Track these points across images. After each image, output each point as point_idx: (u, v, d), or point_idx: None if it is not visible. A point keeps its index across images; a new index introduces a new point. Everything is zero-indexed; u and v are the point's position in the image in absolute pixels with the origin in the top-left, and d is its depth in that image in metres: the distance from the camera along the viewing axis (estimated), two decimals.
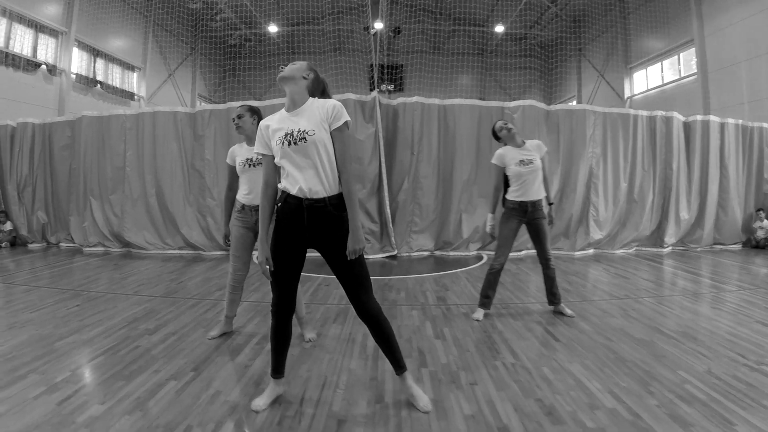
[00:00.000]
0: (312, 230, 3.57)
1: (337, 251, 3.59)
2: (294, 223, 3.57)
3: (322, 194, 3.51)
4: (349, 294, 3.71)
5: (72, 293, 7.54)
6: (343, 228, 3.56)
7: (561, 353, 4.87)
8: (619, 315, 6.30)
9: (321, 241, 3.61)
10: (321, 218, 3.54)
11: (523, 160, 6.15)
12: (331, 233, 3.58)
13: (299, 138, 3.48)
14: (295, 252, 3.66)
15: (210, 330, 5.57)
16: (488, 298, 6.26)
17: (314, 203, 3.51)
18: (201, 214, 11.69)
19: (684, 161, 12.51)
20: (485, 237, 11.48)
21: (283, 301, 3.71)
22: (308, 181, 3.50)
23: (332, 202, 3.54)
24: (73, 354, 4.84)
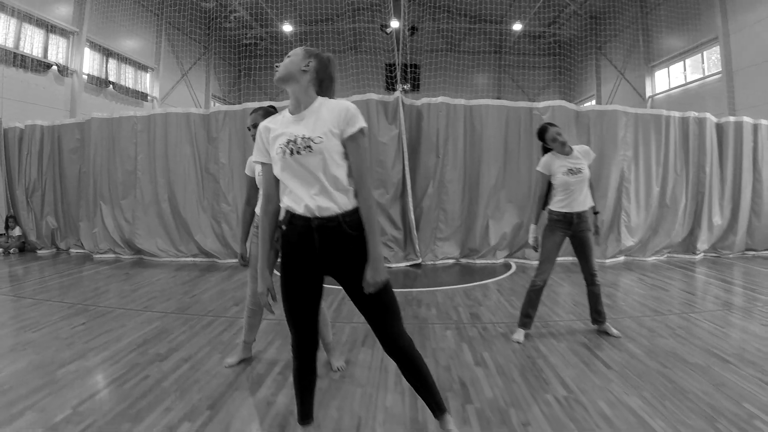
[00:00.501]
0: (325, 255, 2.95)
1: (357, 278, 2.95)
2: (303, 247, 2.96)
3: (333, 210, 2.89)
4: (375, 328, 3.09)
5: (78, 308, 7.13)
6: (362, 250, 2.95)
7: (615, 383, 4.41)
8: (667, 334, 5.84)
9: (337, 267, 2.99)
10: (335, 240, 2.92)
11: (571, 168, 5.66)
12: (348, 257, 2.96)
13: (303, 146, 2.87)
14: (309, 282, 3.04)
15: (227, 356, 5.08)
16: (529, 318, 5.77)
17: (325, 222, 2.90)
18: (215, 220, 11.29)
19: (717, 164, 12.03)
20: (513, 244, 11.04)
21: (304, 340, 3.14)
22: (315, 197, 2.89)
23: (347, 219, 2.91)
24: (75, 386, 4.39)
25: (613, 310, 6.90)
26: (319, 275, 3.05)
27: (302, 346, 3.13)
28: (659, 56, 25.76)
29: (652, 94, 26.46)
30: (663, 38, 25.26)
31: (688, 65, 24.17)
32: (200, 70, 31.87)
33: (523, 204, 11.10)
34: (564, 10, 30.25)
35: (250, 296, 4.91)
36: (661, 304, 7.39)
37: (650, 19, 26.15)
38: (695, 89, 23.04)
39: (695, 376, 4.55)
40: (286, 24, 31.72)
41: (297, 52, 3.10)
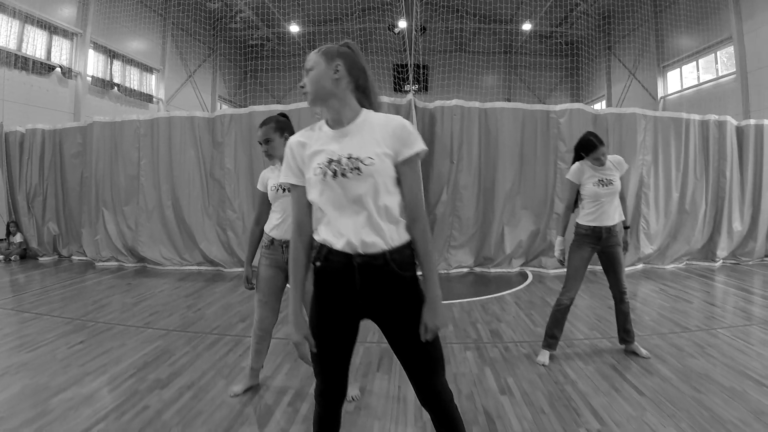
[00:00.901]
0: (367, 297, 2.47)
1: (403, 325, 2.50)
2: (341, 289, 2.48)
3: (380, 246, 2.41)
4: (417, 380, 2.58)
5: (77, 324, 6.83)
6: (411, 293, 2.49)
7: (650, 413, 4.10)
8: (697, 354, 5.52)
9: (380, 311, 2.51)
10: (380, 281, 2.44)
11: (602, 179, 5.33)
12: (395, 300, 2.48)
13: (350, 168, 2.38)
14: (344, 327, 2.57)
15: (232, 383, 4.73)
16: (555, 339, 5.42)
17: (370, 260, 2.41)
18: (221, 227, 10.97)
19: (737, 169, 11.71)
20: (529, 252, 10.73)
21: (332, 389, 2.63)
22: (359, 230, 2.40)
23: (395, 257, 2.43)
24: (69, 417, 4.06)
25: (639, 326, 6.54)
26: (356, 320, 2.59)
27: (329, 394, 2.65)
28: (671, 56, 25.37)
29: (664, 94, 26.09)
30: (675, 38, 24.86)
31: (701, 66, 23.82)
32: (206, 72, 31.66)
33: (539, 210, 10.79)
34: (574, 10, 29.95)
35: (257, 321, 4.49)
36: (686, 318, 7.08)
37: (662, 18, 25.77)
38: (708, 90, 22.66)
39: (732, 403, 4.28)
40: (292, 24, 31.54)
41: (316, 60, 2.59)
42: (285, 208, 4.27)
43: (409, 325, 2.48)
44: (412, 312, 2.48)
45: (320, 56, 2.59)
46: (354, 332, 2.62)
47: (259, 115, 10.77)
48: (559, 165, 10.54)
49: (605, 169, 5.37)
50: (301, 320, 2.54)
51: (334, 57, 2.56)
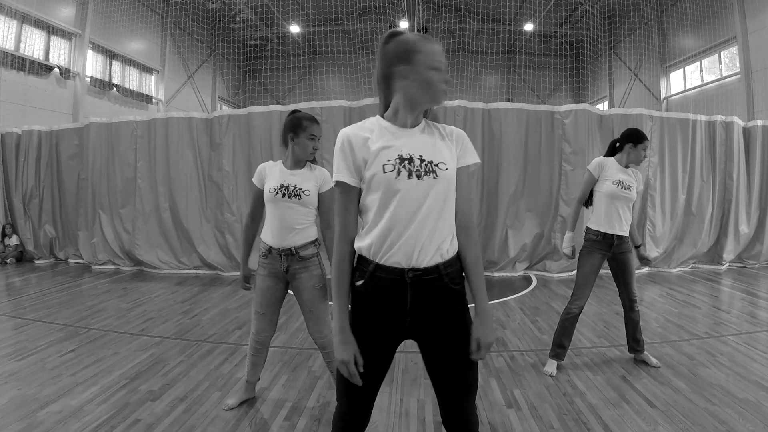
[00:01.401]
0: (416, 316, 2.23)
1: (448, 343, 2.27)
2: (389, 308, 2.23)
3: (436, 260, 2.19)
4: (449, 401, 2.34)
5: (70, 331, 6.67)
6: (461, 309, 2.28)
7: (663, 427, 3.94)
8: (708, 362, 5.38)
9: (427, 329, 2.26)
10: (432, 297, 2.21)
11: (622, 182, 5.14)
12: (444, 317, 2.25)
13: (426, 170, 2.17)
14: (385, 350, 2.32)
15: (227, 396, 4.54)
16: (563, 348, 5.23)
17: (423, 275, 2.18)
18: (219, 230, 10.85)
19: (744, 170, 11.59)
20: (533, 256, 10.59)
21: (356, 416, 2.38)
22: (421, 240, 2.16)
23: (449, 270, 2.22)
24: (57, 431, 3.90)
25: (647, 333, 6.38)
26: (399, 341, 2.35)
27: (353, 420, 2.39)
28: (674, 57, 25.30)
29: (667, 95, 26.02)
30: (679, 38, 24.79)
31: (705, 66, 23.73)
32: (206, 72, 31.66)
33: (543, 213, 10.65)
34: (576, 10, 29.92)
35: (254, 334, 4.30)
36: (696, 324, 6.94)
37: (666, 18, 25.70)
38: (712, 90, 22.57)
39: (746, 415, 4.15)
40: (293, 25, 31.53)
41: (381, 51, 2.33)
42: (281, 215, 4.02)
43: (455, 343, 2.27)
44: (460, 329, 2.27)
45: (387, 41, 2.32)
46: (393, 354, 2.37)
47: (257, 115, 10.70)
48: (564, 167, 10.41)
49: (629, 173, 5.20)
50: (350, 337, 2.22)
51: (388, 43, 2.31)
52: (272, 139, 10.51)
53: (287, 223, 3.99)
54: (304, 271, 4.02)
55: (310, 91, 33.39)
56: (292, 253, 3.99)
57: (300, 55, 33.87)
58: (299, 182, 4.01)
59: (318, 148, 4.10)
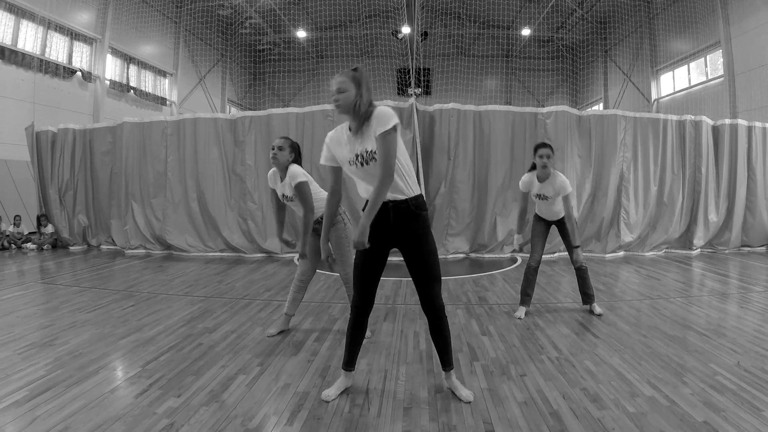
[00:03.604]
0: (396, 230, 3.82)
1: (417, 249, 3.85)
2: (380, 223, 3.78)
3: (404, 196, 3.79)
4: (421, 287, 3.89)
5: (123, 293, 7.90)
6: (424, 227, 3.86)
7: (601, 348, 5.15)
8: (652, 314, 6.55)
9: (404, 238, 3.84)
10: (404, 217, 3.79)
11: (539, 194, 6.53)
12: (413, 233, 3.82)
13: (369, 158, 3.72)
14: (380, 250, 3.89)
15: (269, 328, 5.86)
16: (528, 296, 6.59)
17: (398, 204, 3.77)
18: (242, 217, 12.00)
19: (713, 165, 12.62)
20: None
21: (365, 299, 3.96)
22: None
23: (413, 202, 3.79)
24: (138, 351, 5.12)
25: (606, 294, 7.68)
26: (388, 246, 3.93)
27: (363, 302, 3.98)
28: (664, 60, 26.33)
29: (658, 97, 27.05)
30: (668, 42, 25.80)
31: (692, 69, 24.67)
32: (216, 76, 32.46)
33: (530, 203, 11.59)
34: (571, 15, 30.77)
35: (299, 274, 5.75)
36: (652, 291, 8.06)
37: (656, 23, 26.73)
38: (698, 92, 23.62)
39: (671, 345, 5.26)
40: (300, 30, 32.33)
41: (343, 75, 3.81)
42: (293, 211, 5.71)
43: (419, 248, 3.85)
44: (422, 238, 3.84)
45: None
46: (386, 255, 3.95)
47: (276, 117, 11.92)
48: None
49: (544, 185, 6.49)
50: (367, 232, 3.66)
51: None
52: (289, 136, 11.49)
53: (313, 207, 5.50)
54: (333, 229, 5.39)
55: (316, 94, 34.24)
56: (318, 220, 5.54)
57: (306, 59, 34.66)
58: (285, 191, 5.55)
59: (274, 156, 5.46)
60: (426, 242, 3.86)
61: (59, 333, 5.74)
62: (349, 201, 10.95)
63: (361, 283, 3.94)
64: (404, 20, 27.93)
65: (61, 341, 5.43)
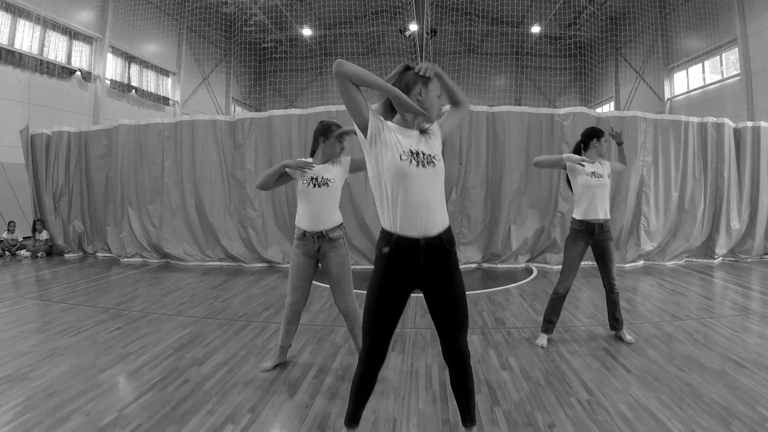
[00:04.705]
0: (426, 271, 3.16)
1: (448, 291, 3.22)
2: (407, 265, 3.14)
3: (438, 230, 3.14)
4: (447, 336, 3.26)
5: (112, 313, 7.39)
6: (455, 265, 3.26)
7: (635, 387, 4.61)
8: (685, 340, 6.01)
9: (431, 279, 3.20)
10: (437, 257, 3.15)
11: (594, 171, 5.88)
12: (444, 273, 3.20)
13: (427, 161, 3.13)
14: (401, 297, 3.23)
15: (263, 360, 5.29)
16: (551, 324, 5.98)
17: (431, 242, 3.11)
18: (242, 225, 11.48)
19: (735, 169, 12.09)
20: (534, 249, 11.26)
21: (377, 352, 3.24)
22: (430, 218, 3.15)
23: (446, 237, 3.17)
24: (118, 389, 4.64)
25: (633, 315, 7.08)
26: (411, 290, 3.26)
27: (375, 355, 3.25)
28: (678, 58, 25.77)
29: (671, 96, 26.47)
30: (682, 40, 25.28)
31: (707, 67, 24.16)
32: (220, 74, 32.19)
33: (544, 209, 11.22)
34: (583, 12, 30.27)
35: (289, 305, 5.03)
36: (679, 309, 7.53)
37: (669, 20, 26.16)
38: (714, 91, 23.05)
39: (711, 381, 4.72)
40: (305, 28, 31.95)
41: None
42: (314, 202, 4.80)
43: (451, 290, 3.22)
44: (454, 280, 3.22)
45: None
46: (406, 300, 3.25)
47: (277, 118, 11.34)
48: None
49: (597, 165, 5.96)
50: None
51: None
52: (291, 140, 11.17)
53: (318, 210, 4.79)
54: (332, 250, 4.81)
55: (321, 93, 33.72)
56: (323, 235, 4.79)
57: (311, 57, 34.21)
58: (325, 173, 4.82)
59: (344, 148, 4.96)
60: (456, 281, 3.24)
61: (37, 363, 5.26)
62: (356, 210, 10.45)
63: (373, 331, 3.21)
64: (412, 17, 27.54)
65: (38, 374, 4.96)
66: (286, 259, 11.03)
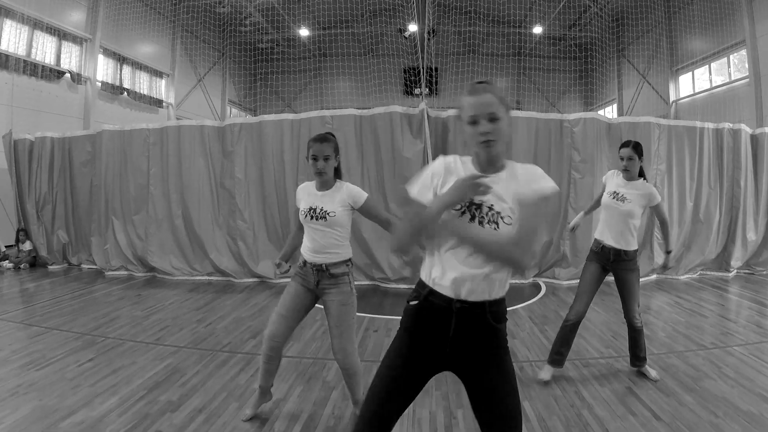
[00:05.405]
0: (457, 345, 2.38)
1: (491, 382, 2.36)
2: (434, 331, 2.39)
3: (483, 298, 2.33)
4: None
5: (86, 340, 6.74)
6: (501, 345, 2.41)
7: None
8: (714, 374, 5.43)
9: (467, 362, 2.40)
10: (474, 330, 2.35)
11: (618, 192, 5.21)
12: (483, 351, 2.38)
13: (490, 219, 2.30)
14: (420, 372, 2.46)
15: (245, 406, 4.63)
16: (561, 356, 5.31)
17: (469, 308, 2.32)
18: (231, 237, 10.85)
19: (752, 177, 11.54)
20: (542, 263, 10.66)
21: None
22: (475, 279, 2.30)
23: (493, 309, 2.34)
24: None
25: (654, 343, 6.49)
26: (437, 368, 2.48)
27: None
28: (684, 60, 25.18)
29: (676, 98, 25.90)
30: (688, 41, 24.66)
31: (713, 69, 23.61)
32: (216, 76, 31.69)
33: (552, 221, 10.61)
34: (585, 12, 29.77)
35: (268, 338, 4.30)
36: (702, 334, 6.98)
37: (675, 21, 25.57)
38: (721, 94, 22.46)
39: (750, 429, 4.21)
40: (302, 28, 31.48)
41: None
42: (313, 236, 4.14)
43: (495, 381, 2.37)
44: (499, 367, 2.38)
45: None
46: (425, 381, 2.48)
47: (269, 123, 10.71)
48: (573, 175, 10.40)
49: (629, 186, 5.20)
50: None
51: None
52: (283, 146, 10.55)
53: (319, 243, 4.12)
54: (334, 287, 4.12)
55: (319, 94, 33.42)
56: (323, 269, 4.11)
57: (309, 58, 33.81)
58: (325, 204, 4.10)
59: (321, 168, 4.08)
60: (505, 372, 2.39)
61: None
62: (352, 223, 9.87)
63: (380, 402, 2.43)
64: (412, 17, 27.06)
65: None
66: (278, 275, 10.35)
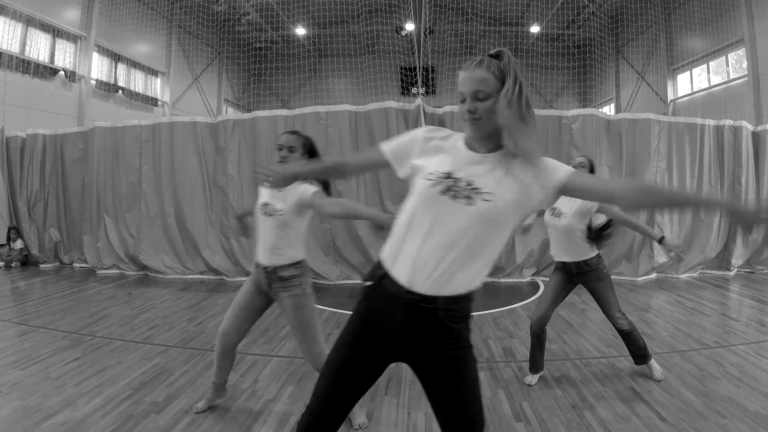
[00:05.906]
0: (410, 340, 2.16)
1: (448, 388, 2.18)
2: (383, 319, 2.17)
3: (437, 291, 2.08)
4: None
5: (73, 339, 6.58)
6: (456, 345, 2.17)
7: None
8: (719, 373, 5.27)
9: (420, 358, 2.21)
10: (426, 327, 2.12)
11: (555, 207, 5.12)
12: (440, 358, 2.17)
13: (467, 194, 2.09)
14: (372, 360, 2.25)
15: (197, 401, 4.53)
16: (536, 360, 5.11)
17: (418, 301, 2.08)
18: (224, 235, 10.71)
19: (753, 175, 11.43)
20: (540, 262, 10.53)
21: (326, 423, 2.24)
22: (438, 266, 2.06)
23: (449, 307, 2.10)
24: None
25: (656, 342, 6.34)
26: (390, 359, 2.27)
27: (320, 427, 2.24)
28: (682, 59, 25.02)
29: (674, 98, 25.76)
30: (686, 40, 24.51)
31: (712, 68, 23.49)
32: (212, 74, 31.52)
33: None
34: (582, 11, 29.66)
35: (220, 335, 4.16)
36: (705, 333, 6.83)
37: (673, 20, 25.44)
38: (719, 93, 22.31)
39: (758, 430, 4.07)
40: (298, 27, 31.33)
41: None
42: (264, 233, 3.94)
43: (453, 387, 2.19)
44: (456, 371, 2.18)
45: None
46: (379, 371, 2.28)
47: (262, 120, 10.58)
48: None
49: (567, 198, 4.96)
50: None
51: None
52: None
53: (269, 241, 3.91)
54: (284, 290, 3.92)
55: (315, 93, 33.24)
56: (272, 271, 3.92)
57: (305, 57, 33.66)
58: (277, 202, 3.88)
59: (283, 156, 3.92)
60: (463, 377, 2.19)
61: None
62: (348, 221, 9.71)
63: (326, 395, 2.24)
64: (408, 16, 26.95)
65: None
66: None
